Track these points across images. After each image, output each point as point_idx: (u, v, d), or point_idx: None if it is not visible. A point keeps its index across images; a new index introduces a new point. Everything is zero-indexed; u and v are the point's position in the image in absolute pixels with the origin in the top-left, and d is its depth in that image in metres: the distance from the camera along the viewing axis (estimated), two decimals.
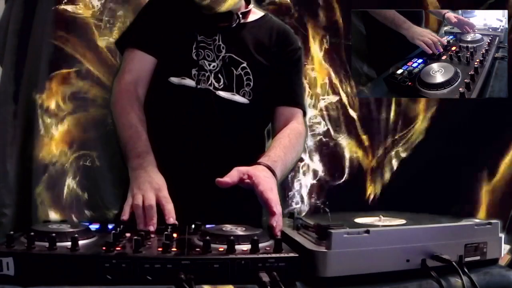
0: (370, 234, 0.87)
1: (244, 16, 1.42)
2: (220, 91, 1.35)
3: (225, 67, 1.36)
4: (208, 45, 1.37)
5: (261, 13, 1.51)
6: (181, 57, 1.36)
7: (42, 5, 2.05)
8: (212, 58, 1.36)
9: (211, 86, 1.34)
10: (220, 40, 1.38)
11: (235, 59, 1.38)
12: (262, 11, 1.53)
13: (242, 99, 1.36)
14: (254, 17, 1.47)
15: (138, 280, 0.78)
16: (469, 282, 0.88)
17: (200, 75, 1.34)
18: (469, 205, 2.01)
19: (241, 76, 1.37)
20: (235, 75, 1.37)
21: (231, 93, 1.36)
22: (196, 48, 1.36)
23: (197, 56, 1.35)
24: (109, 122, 1.84)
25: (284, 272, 0.80)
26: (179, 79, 1.34)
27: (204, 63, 1.35)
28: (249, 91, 1.37)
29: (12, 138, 2.13)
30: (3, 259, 0.78)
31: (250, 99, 1.37)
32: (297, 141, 1.36)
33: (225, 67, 1.36)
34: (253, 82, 1.37)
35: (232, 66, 1.37)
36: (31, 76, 2.27)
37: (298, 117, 1.43)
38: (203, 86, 1.34)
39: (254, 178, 1.10)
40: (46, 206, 1.98)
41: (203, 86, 1.34)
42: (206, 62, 1.35)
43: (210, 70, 1.35)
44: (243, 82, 1.37)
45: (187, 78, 1.34)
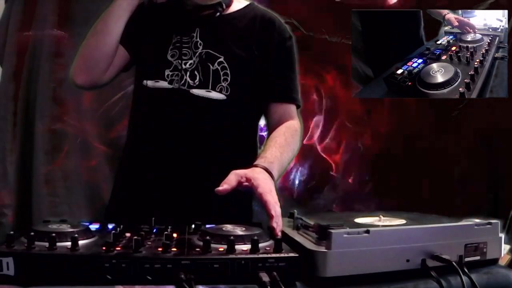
0: (370, 234, 0.87)
1: (227, 5, 1.39)
2: (194, 89, 1.33)
3: (202, 63, 1.34)
4: (185, 44, 1.35)
5: (245, 2, 1.46)
6: (155, 60, 1.35)
7: (43, 5, 2.05)
8: (189, 56, 1.34)
9: (185, 85, 1.33)
10: (197, 37, 1.36)
11: (212, 54, 1.35)
12: (247, 0, 1.47)
13: (218, 95, 1.33)
14: (237, 6, 1.43)
15: (138, 280, 0.78)
16: (469, 282, 0.88)
17: (174, 75, 1.33)
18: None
19: (218, 71, 1.34)
20: (211, 70, 1.34)
21: (205, 90, 1.33)
22: (172, 49, 1.35)
23: (172, 56, 1.34)
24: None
25: (284, 272, 0.80)
26: (153, 82, 1.34)
27: (179, 62, 1.33)
28: (226, 86, 1.34)
29: (12, 138, 2.13)
30: (3, 259, 0.78)
31: (228, 94, 1.34)
32: (292, 139, 1.35)
33: (201, 63, 1.34)
34: (230, 76, 1.34)
35: (209, 62, 1.34)
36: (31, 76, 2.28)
37: (292, 112, 1.41)
38: (176, 86, 1.32)
39: (253, 180, 1.10)
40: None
41: (176, 86, 1.32)
42: (182, 61, 1.34)
43: (186, 69, 1.33)
44: (220, 77, 1.34)
45: (160, 81, 1.33)
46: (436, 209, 1.13)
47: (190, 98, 1.32)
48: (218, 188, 1.06)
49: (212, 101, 1.33)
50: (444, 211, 1.11)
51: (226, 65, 1.34)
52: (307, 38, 2.92)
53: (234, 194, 1.09)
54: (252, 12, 1.43)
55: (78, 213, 2.37)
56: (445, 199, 2.84)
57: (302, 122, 1.44)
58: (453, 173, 3.03)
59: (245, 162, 1.21)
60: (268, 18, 1.43)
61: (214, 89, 1.33)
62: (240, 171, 1.11)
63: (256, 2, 1.49)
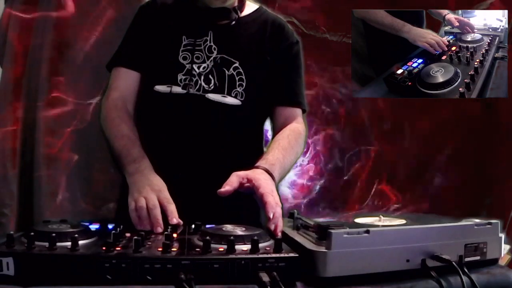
0: (370, 234, 0.87)
1: (239, 10, 1.38)
2: (209, 94, 1.32)
3: (216, 68, 1.34)
4: (197, 47, 1.34)
5: (255, 5, 1.46)
6: (167, 64, 1.34)
7: (43, 5, 2.05)
8: (202, 60, 1.33)
9: (200, 90, 1.32)
10: (211, 41, 1.35)
11: (227, 59, 1.35)
12: (256, 4, 1.47)
13: (234, 101, 1.33)
14: (248, 10, 1.43)
15: (138, 280, 0.78)
16: (469, 282, 0.88)
17: (187, 80, 1.31)
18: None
19: (233, 76, 1.34)
20: (227, 75, 1.34)
21: (221, 95, 1.32)
22: (183, 51, 1.33)
23: (184, 59, 1.33)
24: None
25: (284, 272, 0.80)
26: (166, 87, 1.32)
27: (192, 66, 1.32)
28: (242, 91, 1.34)
29: (12, 138, 2.13)
30: (3, 259, 0.78)
31: (243, 99, 1.34)
32: (296, 142, 1.35)
33: (216, 68, 1.34)
34: (245, 82, 1.34)
35: (224, 67, 1.34)
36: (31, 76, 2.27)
37: (298, 116, 1.42)
38: (190, 91, 1.31)
39: (254, 181, 1.10)
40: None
41: (190, 91, 1.31)
42: (195, 65, 1.32)
43: (200, 73, 1.32)
44: (235, 83, 1.34)
45: (173, 86, 1.31)
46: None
47: (205, 103, 1.31)
48: (220, 190, 1.06)
49: (227, 106, 1.32)
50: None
51: (241, 71, 1.34)
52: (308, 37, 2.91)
53: (242, 197, 1.09)
54: (263, 17, 1.44)
55: (78, 213, 2.37)
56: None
57: (307, 126, 1.44)
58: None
59: (253, 163, 1.21)
60: (278, 23, 1.44)
61: (230, 94, 1.33)
62: (241, 172, 1.11)
63: (264, 6, 1.49)
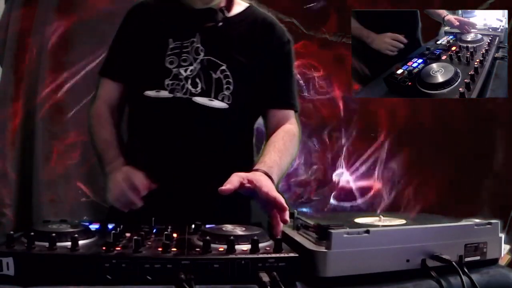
0: (370, 234, 0.87)
1: (227, 10, 1.35)
2: (196, 97, 1.31)
3: (203, 71, 1.32)
4: (184, 49, 1.32)
5: (245, 4, 1.42)
6: (153, 69, 1.33)
7: (43, 5, 2.05)
8: (189, 62, 1.32)
9: (187, 94, 1.31)
10: (198, 42, 1.33)
11: (214, 61, 1.32)
12: (247, 2, 1.43)
13: (221, 104, 1.31)
14: (237, 9, 1.40)
15: (138, 280, 0.78)
16: (469, 282, 0.88)
17: (174, 84, 1.30)
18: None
19: (220, 80, 1.32)
20: (213, 78, 1.32)
21: (208, 99, 1.31)
22: (170, 55, 1.32)
23: (171, 63, 1.32)
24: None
25: (284, 272, 0.80)
26: (154, 92, 1.31)
27: (179, 70, 1.31)
28: (229, 95, 1.32)
29: (12, 138, 2.13)
30: (3, 259, 0.78)
31: (230, 103, 1.32)
32: (291, 143, 1.35)
33: (203, 71, 1.32)
34: (233, 85, 1.32)
35: (211, 70, 1.32)
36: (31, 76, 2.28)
37: (291, 117, 1.40)
38: (177, 95, 1.30)
39: (255, 181, 1.10)
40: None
41: (177, 95, 1.30)
42: (182, 69, 1.31)
43: (186, 77, 1.31)
44: (223, 86, 1.32)
45: (161, 90, 1.31)
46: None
47: (192, 106, 1.30)
48: (221, 188, 1.06)
49: (214, 110, 1.31)
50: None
51: (228, 74, 1.32)
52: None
53: (232, 196, 1.09)
54: (252, 16, 1.41)
55: (78, 213, 2.37)
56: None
57: (300, 126, 1.43)
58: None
59: (242, 164, 1.22)
60: (268, 22, 1.41)
61: (217, 97, 1.32)
62: (242, 174, 1.11)
63: (255, 4, 1.46)
